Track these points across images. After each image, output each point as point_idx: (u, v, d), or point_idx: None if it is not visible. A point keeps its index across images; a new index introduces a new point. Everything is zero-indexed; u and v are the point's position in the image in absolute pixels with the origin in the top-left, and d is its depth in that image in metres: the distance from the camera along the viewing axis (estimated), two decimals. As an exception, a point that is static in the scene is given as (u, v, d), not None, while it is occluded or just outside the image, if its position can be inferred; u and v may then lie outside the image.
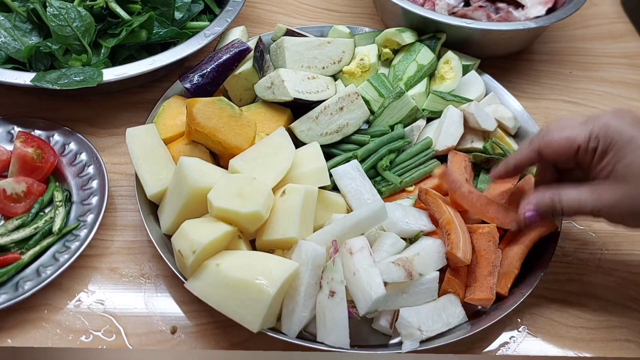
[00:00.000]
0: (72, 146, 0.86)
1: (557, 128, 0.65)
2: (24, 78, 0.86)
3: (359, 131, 0.89)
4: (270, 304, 0.65)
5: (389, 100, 0.89)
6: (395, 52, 0.99)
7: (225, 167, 0.78)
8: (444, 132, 0.88)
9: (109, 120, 0.94)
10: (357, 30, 1.03)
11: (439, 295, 0.73)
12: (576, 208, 0.63)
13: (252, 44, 0.93)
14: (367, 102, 0.91)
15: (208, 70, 0.87)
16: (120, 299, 0.75)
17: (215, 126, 0.78)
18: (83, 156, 0.85)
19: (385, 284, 0.67)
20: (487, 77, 0.99)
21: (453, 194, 0.77)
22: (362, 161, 0.85)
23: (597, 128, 0.60)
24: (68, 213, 0.80)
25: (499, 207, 0.76)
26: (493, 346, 0.75)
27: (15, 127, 0.87)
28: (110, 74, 0.88)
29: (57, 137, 0.86)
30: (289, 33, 0.97)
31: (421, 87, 0.94)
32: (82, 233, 0.77)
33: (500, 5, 1.09)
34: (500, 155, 0.87)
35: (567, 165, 0.68)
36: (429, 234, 0.76)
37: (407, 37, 0.98)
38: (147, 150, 0.79)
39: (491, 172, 0.76)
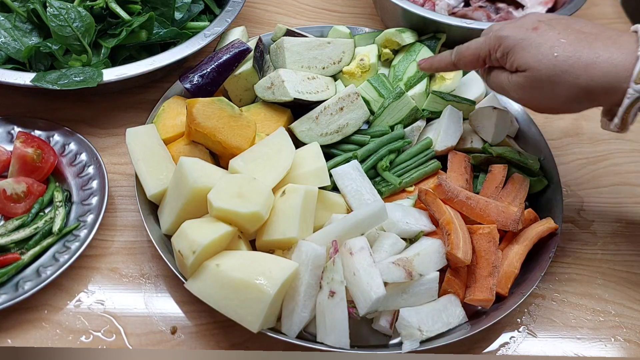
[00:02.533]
0: (72, 146, 0.86)
1: (467, 45, 0.77)
2: (24, 78, 0.86)
3: (359, 131, 0.89)
4: (270, 304, 0.65)
5: (389, 100, 0.89)
6: (395, 52, 0.99)
7: (225, 167, 0.78)
8: (444, 133, 0.88)
9: (109, 120, 0.94)
10: (357, 31, 1.03)
11: (439, 295, 0.73)
12: (500, 86, 0.74)
13: (252, 44, 0.93)
14: (367, 102, 0.91)
15: (208, 70, 0.87)
16: (120, 299, 0.75)
17: (215, 126, 0.78)
18: (83, 156, 0.85)
19: (385, 284, 0.67)
20: (487, 77, 0.99)
21: (450, 203, 0.77)
22: (362, 161, 0.85)
23: (493, 41, 0.72)
24: (68, 213, 0.80)
25: (498, 209, 0.77)
26: (493, 346, 0.75)
27: (15, 127, 0.87)
28: (110, 74, 0.88)
29: (57, 137, 0.86)
30: (289, 33, 0.97)
31: (421, 87, 0.94)
32: (82, 233, 0.77)
33: (500, 5, 1.09)
34: (500, 155, 0.87)
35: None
36: (429, 234, 0.76)
37: (407, 37, 0.98)
38: (147, 150, 0.79)
39: (419, 62, 0.87)
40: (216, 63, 0.88)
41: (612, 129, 0.68)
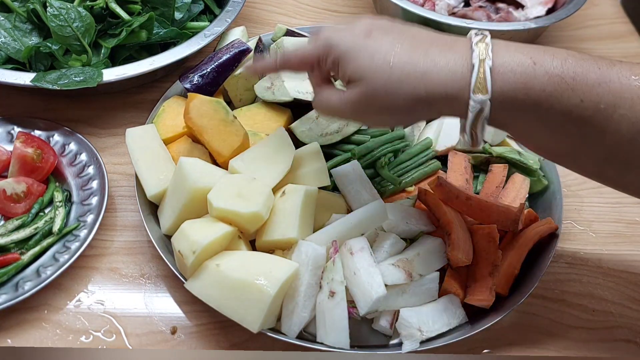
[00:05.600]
0: (72, 146, 0.86)
1: (294, 50, 0.68)
2: (24, 78, 0.86)
3: (359, 131, 0.89)
4: (270, 305, 0.65)
5: (389, 100, 0.89)
6: (395, 52, 0.99)
7: (222, 167, 0.78)
8: (444, 133, 0.88)
9: (109, 120, 0.94)
10: (357, 31, 1.03)
11: (439, 295, 0.73)
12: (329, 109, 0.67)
13: (252, 44, 0.93)
14: (367, 102, 0.91)
15: (208, 70, 0.87)
16: (120, 299, 0.75)
17: (205, 126, 0.78)
18: (83, 156, 0.85)
19: (386, 285, 0.67)
20: (487, 77, 0.99)
21: (451, 203, 0.77)
22: (360, 159, 0.85)
23: (322, 49, 0.64)
24: (68, 213, 0.80)
25: (498, 209, 0.76)
26: (493, 346, 0.75)
27: (15, 127, 0.87)
28: (110, 74, 0.88)
29: (57, 137, 0.86)
30: (289, 33, 0.97)
31: (421, 87, 0.94)
32: (82, 233, 0.77)
33: (500, 5, 1.09)
34: (500, 156, 0.87)
35: None
36: (429, 234, 0.76)
37: (407, 37, 0.97)
38: (147, 150, 0.79)
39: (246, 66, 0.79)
40: (216, 63, 0.88)
41: (465, 145, 0.62)
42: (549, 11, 1.06)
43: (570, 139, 0.58)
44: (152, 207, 0.79)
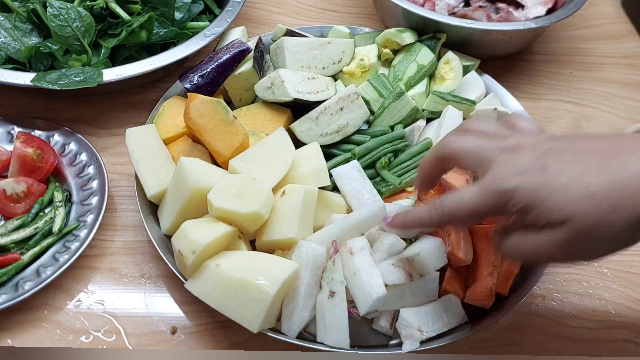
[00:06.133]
0: (72, 146, 0.86)
1: (457, 200, 0.60)
2: (24, 78, 0.86)
3: (359, 131, 0.89)
4: (270, 304, 0.65)
5: (389, 100, 0.89)
6: (396, 52, 0.99)
7: (222, 167, 0.78)
8: (444, 133, 0.88)
9: (109, 120, 0.94)
10: (357, 31, 1.03)
11: (439, 295, 0.73)
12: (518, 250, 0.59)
13: (252, 44, 0.93)
14: (367, 102, 0.91)
15: (208, 70, 0.87)
16: (120, 299, 0.75)
17: (205, 126, 0.78)
18: (83, 156, 0.85)
19: (386, 285, 0.67)
20: (487, 78, 0.99)
21: None
22: (359, 159, 0.85)
23: (495, 197, 0.56)
24: (68, 213, 0.80)
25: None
26: (493, 346, 0.75)
27: (15, 127, 0.88)
28: (110, 74, 0.88)
29: (57, 137, 0.86)
30: (289, 33, 0.97)
31: (421, 87, 0.94)
32: (82, 233, 0.77)
33: (500, 5, 1.09)
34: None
35: None
36: (429, 234, 0.76)
37: (407, 37, 0.98)
38: (147, 150, 0.79)
39: (385, 221, 0.68)
40: (216, 63, 0.88)
41: None
42: (549, 11, 1.06)
43: None
44: (152, 207, 0.79)
